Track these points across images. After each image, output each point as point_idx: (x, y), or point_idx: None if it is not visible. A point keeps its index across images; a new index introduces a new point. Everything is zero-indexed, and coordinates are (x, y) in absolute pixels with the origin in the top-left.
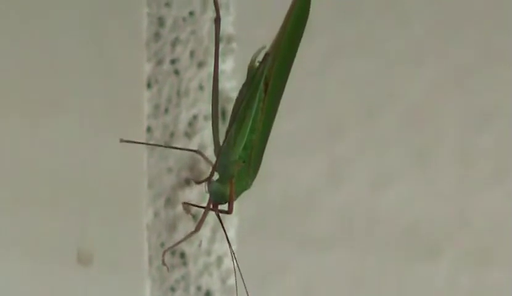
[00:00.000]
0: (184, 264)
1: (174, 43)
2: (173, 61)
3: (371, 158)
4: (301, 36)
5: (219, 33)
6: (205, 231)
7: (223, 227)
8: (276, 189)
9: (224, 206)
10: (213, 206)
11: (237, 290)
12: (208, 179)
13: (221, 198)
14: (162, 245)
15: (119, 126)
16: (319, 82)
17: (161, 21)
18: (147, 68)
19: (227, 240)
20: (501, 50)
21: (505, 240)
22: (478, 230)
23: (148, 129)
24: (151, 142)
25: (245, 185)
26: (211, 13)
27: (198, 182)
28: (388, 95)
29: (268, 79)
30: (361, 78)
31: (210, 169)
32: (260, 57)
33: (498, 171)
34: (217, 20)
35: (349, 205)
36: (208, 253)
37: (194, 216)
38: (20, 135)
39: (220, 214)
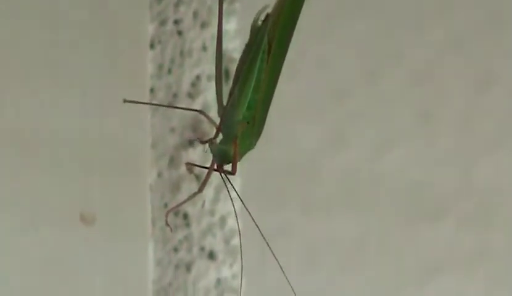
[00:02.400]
0: (187, 224)
1: (178, 3)
2: (176, 22)
3: (374, 121)
4: None
5: None
6: (209, 192)
7: (227, 188)
8: (279, 151)
9: (228, 167)
10: (217, 167)
11: (241, 250)
12: (212, 140)
13: (225, 159)
14: (165, 205)
15: (122, 87)
16: (322, 44)
17: None
18: (151, 28)
19: (239, 198)
20: (504, 13)
21: (508, 202)
22: (481, 192)
23: (152, 90)
24: (154, 102)
25: (249, 146)
26: None
27: (203, 142)
28: (390, 57)
29: (271, 39)
30: (364, 40)
31: (214, 130)
32: (263, 17)
33: (501, 133)
34: None
35: (352, 167)
36: (212, 213)
37: (197, 177)
38: (22, 96)
39: (224, 175)
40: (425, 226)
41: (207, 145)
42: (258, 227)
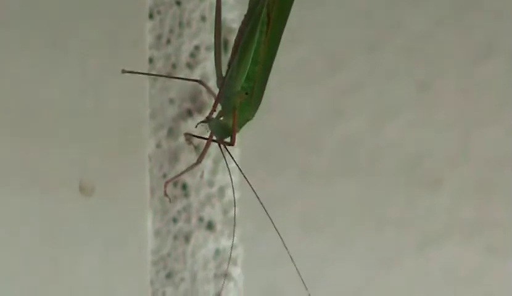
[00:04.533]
0: (186, 195)
1: None
2: None
3: (373, 91)
4: None
5: None
6: (207, 162)
7: (225, 159)
8: (278, 120)
9: (227, 138)
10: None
11: (235, 221)
12: (210, 113)
13: (224, 133)
14: (164, 176)
15: (121, 57)
16: (321, 14)
17: None
18: None
19: (238, 168)
20: None
21: (506, 171)
22: (479, 162)
23: (151, 60)
24: (153, 73)
25: (248, 117)
26: None
27: (203, 121)
28: (390, 27)
29: (270, 10)
30: (363, 9)
31: (212, 100)
32: None
33: (499, 103)
34: None
35: (350, 136)
36: (210, 184)
37: (196, 147)
38: (22, 67)
39: (222, 146)
40: (424, 194)
41: (207, 124)
42: (256, 195)
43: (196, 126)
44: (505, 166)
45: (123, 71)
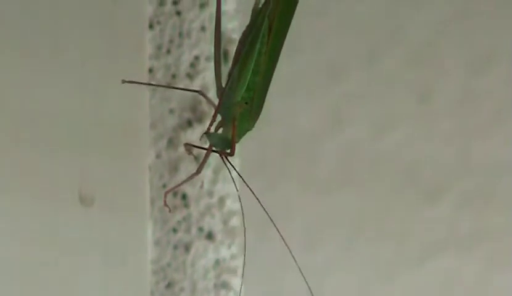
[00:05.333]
0: (186, 205)
1: None
2: (175, 2)
3: (373, 101)
4: None
5: None
6: (207, 172)
7: (227, 168)
8: (278, 130)
9: None
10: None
11: (245, 229)
12: (210, 124)
13: (224, 144)
14: (164, 186)
15: (121, 67)
16: (321, 24)
17: None
18: (149, 9)
19: (240, 177)
20: None
21: (506, 182)
22: (479, 173)
23: (151, 70)
24: (153, 83)
25: (248, 127)
26: None
27: (204, 133)
28: (390, 37)
29: (272, 22)
30: (363, 19)
31: (212, 111)
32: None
33: (499, 113)
34: None
35: (350, 147)
36: (210, 194)
37: (196, 157)
38: (22, 77)
39: (223, 156)
40: (424, 205)
41: (207, 137)
42: (260, 203)
43: (200, 139)
44: (505, 177)
45: (123, 81)
